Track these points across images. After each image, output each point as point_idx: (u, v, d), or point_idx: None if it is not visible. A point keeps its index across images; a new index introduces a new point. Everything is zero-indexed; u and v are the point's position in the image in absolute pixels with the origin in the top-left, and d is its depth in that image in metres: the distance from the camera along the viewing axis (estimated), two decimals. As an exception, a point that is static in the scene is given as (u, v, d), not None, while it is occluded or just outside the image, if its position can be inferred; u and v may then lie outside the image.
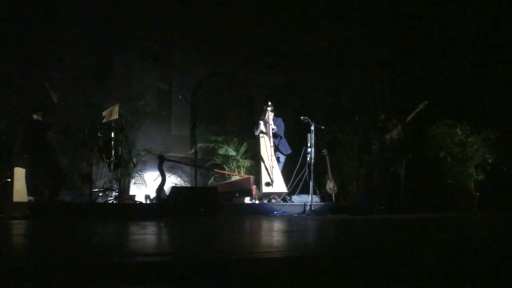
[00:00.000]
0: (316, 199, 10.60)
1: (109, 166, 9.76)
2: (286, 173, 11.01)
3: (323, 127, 10.74)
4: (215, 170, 12.09)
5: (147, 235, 4.94)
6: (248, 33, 14.15)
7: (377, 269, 2.91)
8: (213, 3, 13.58)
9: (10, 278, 2.38)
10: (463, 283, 2.85)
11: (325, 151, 11.88)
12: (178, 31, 13.58)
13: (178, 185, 12.31)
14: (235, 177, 11.79)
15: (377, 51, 15.35)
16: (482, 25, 12.88)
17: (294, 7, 14.19)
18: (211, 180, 12.54)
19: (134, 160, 11.07)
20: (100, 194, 10.15)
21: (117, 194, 9.76)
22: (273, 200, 10.67)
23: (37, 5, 11.45)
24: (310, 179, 9.99)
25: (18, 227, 6.18)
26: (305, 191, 10.50)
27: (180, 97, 10.53)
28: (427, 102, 10.88)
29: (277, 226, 6.53)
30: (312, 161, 9.97)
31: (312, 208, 9.76)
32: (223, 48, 14.02)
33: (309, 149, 10.00)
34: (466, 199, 11.52)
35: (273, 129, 10.94)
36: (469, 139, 11.71)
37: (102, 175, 11.33)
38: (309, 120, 10.08)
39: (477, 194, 11.50)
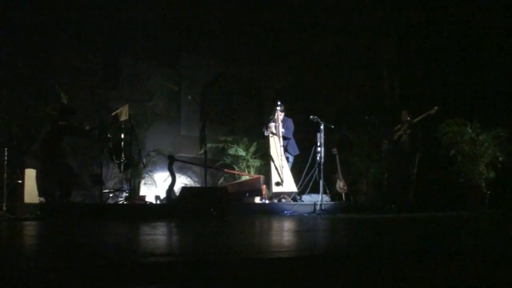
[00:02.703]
0: (326, 198, 10.58)
1: (119, 167, 9.78)
2: (296, 172, 11.00)
3: (332, 126, 10.72)
4: (225, 170, 12.09)
5: (158, 235, 4.95)
6: (257, 33, 14.13)
7: (387, 269, 2.90)
8: (221, 3, 13.58)
9: (20, 278, 2.39)
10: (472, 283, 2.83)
11: (334, 150, 11.88)
12: (187, 31, 13.58)
13: (188, 186, 12.33)
14: (245, 177, 11.79)
15: (386, 50, 15.31)
16: (493, 22, 12.80)
17: (303, 7, 14.17)
18: (221, 180, 12.55)
19: (144, 160, 11.10)
20: (111, 195, 10.19)
21: (127, 194, 9.79)
22: (283, 200, 10.65)
23: (46, 8, 11.48)
24: (320, 178, 9.98)
25: (29, 228, 6.20)
26: (315, 190, 10.49)
27: (189, 97, 10.56)
28: (437, 108, 10.86)
29: (288, 225, 6.53)
30: (322, 160, 9.95)
31: (322, 208, 9.76)
32: (232, 48, 14.03)
33: (318, 149, 9.99)
34: (476, 197, 11.46)
35: (282, 132, 10.95)
36: (480, 137, 11.65)
37: (112, 176, 11.36)
38: (319, 120, 10.07)
39: (488, 192, 11.44)
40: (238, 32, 13.92)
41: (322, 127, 10.01)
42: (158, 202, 10.56)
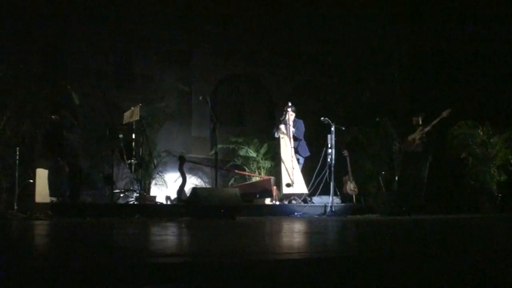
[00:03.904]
0: (336, 200, 10.55)
1: (130, 167, 9.80)
2: (307, 174, 10.98)
3: (343, 128, 10.68)
4: (236, 171, 12.09)
5: (168, 236, 4.96)
6: (268, 34, 14.13)
7: (395, 272, 2.89)
8: (232, 4, 13.59)
9: (31, 278, 2.40)
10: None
11: (345, 152, 11.83)
12: (198, 32, 13.60)
13: (198, 186, 12.34)
14: (256, 178, 11.78)
15: (397, 51, 15.27)
16: (504, 23, 12.73)
17: (314, 7, 14.15)
18: (232, 181, 12.54)
19: (155, 161, 11.11)
20: (121, 195, 10.20)
21: (138, 195, 9.80)
22: (293, 201, 10.63)
23: (58, 8, 11.54)
24: (330, 180, 9.96)
25: (40, 228, 6.23)
26: (325, 192, 10.47)
27: (200, 98, 10.54)
28: (450, 110, 10.82)
29: (298, 227, 6.52)
30: (333, 162, 9.93)
31: (333, 209, 9.74)
32: (243, 49, 14.03)
33: (329, 150, 9.97)
34: (488, 200, 11.41)
35: (292, 131, 10.91)
36: (491, 140, 11.60)
37: (123, 176, 11.37)
38: (330, 121, 10.04)
39: (499, 195, 11.38)
40: (249, 33, 13.92)
41: (333, 128, 9.99)
42: (169, 202, 10.57)
